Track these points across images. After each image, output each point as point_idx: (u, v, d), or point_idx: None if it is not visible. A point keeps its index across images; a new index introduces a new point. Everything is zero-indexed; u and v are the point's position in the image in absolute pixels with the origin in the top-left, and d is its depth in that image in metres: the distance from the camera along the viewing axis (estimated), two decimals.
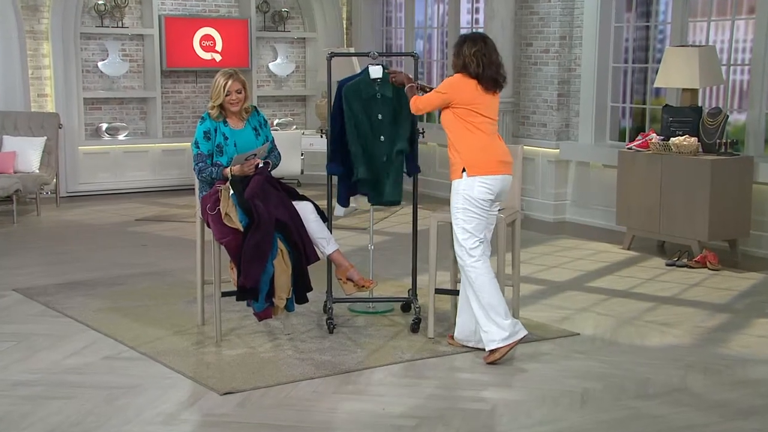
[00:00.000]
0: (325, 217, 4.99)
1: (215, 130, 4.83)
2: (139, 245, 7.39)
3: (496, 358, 4.52)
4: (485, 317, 4.54)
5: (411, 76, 5.04)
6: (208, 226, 4.77)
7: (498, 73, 4.59)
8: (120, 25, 10.04)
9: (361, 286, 4.90)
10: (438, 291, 5.02)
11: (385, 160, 5.10)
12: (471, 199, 4.55)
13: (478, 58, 4.53)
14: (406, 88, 4.96)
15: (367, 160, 5.09)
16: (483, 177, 4.54)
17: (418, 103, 4.77)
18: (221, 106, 4.85)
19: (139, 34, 10.20)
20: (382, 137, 5.10)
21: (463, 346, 4.73)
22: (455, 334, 4.77)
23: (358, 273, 4.94)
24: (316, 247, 4.80)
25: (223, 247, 4.67)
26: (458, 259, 4.62)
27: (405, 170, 5.19)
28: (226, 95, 4.81)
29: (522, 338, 4.57)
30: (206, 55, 10.45)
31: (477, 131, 4.55)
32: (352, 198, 5.45)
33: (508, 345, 4.52)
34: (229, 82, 4.81)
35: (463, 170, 4.54)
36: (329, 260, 5.01)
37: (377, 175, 5.12)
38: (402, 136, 5.10)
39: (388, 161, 5.11)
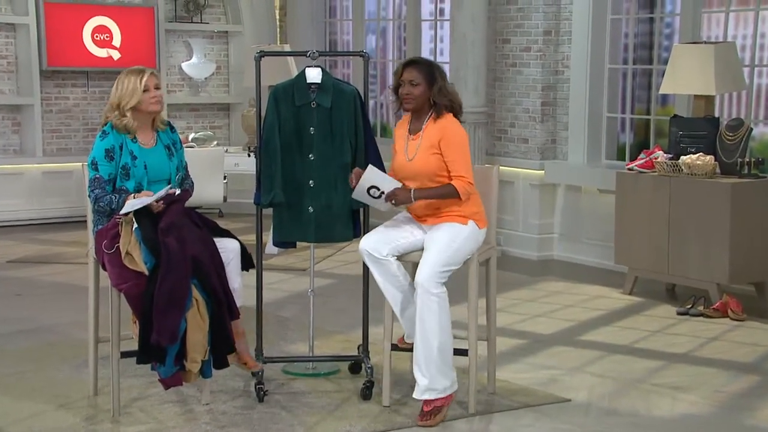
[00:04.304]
0: (252, 262, 5.00)
1: (120, 147, 4.81)
2: (13, 294, 7.31)
3: (438, 421, 4.65)
4: (439, 360, 4.67)
5: (408, 194, 4.81)
6: (104, 268, 4.76)
7: None
8: None
9: (243, 362, 4.93)
10: (395, 347, 5.06)
11: (312, 185, 5.14)
12: (476, 248, 4.85)
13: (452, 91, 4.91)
14: (415, 198, 4.81)
15: (287, 182, 5.12)
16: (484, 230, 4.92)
17: (465, 186, 4.76)
18: (132, 112, 4.81)
19: (10, 23, 10.16)
20: (311, 155, 5.15)
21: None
22: (408, 335, 4.99)
23: (248, 346, 4.98)
24: None
25: (122, 296, 4.66)
26: (425, 284, 4.67)
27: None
28: (144, 91, 4.81)
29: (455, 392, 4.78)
30: (100, 52, 10.45)
31: None
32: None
33: (447, 397, 4.70)
34: (144, 76, 4.83)
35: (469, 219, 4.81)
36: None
37: (299, 203, 5.15)
38: (339, 155, 5.14)
39: (318, 187, 5.13)
